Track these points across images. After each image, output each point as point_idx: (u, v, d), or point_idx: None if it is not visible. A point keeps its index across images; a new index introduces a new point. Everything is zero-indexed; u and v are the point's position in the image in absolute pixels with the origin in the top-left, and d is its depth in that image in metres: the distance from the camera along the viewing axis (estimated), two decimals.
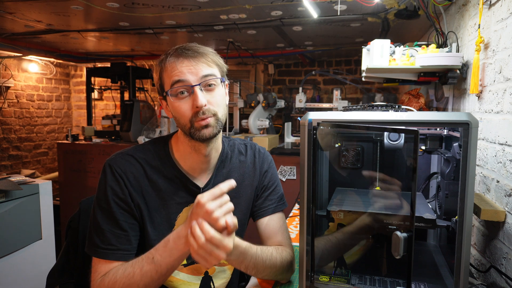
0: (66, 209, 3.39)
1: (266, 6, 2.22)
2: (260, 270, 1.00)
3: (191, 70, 0.96)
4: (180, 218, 1.06)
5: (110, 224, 0.97)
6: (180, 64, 0.96)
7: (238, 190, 1.12)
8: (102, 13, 2.41)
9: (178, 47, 0.99)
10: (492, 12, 1.24)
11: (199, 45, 1.01)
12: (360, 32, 2.89)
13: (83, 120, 4.95)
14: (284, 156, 2.80)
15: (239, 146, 1.18)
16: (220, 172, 1.11)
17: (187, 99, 0.97)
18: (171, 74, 0.96)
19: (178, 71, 0.96)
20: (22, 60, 4.15)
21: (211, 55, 1.00)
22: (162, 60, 1.00)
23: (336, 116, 0.94)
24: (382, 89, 3.88)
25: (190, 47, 0.99)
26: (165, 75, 0.98)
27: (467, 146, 0.83)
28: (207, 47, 1.02)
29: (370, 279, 0.99)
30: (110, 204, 0.97)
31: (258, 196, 1.17)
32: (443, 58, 1.50)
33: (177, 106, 0.97)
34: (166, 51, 1.01)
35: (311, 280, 0.96)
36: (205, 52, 0.99)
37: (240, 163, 1.15)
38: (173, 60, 0.97)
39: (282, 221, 1.17)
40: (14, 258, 2.02)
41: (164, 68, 0.98)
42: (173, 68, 0.96)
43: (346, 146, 1.17)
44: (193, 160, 1.06)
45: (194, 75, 0.96)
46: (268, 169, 1.19)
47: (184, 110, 0.97)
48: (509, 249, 1.01)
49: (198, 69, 0.96)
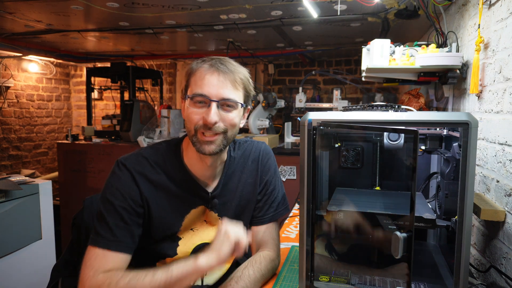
0: (66, 209, 3.39)
1: (266, 6, 2.22)
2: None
3: (215, 86, 0.97)
4: (187, 219, 1.08)
5: (115, 217, 0.97)
6: (209, 76, 0.98)
7: (242, 188, 1.15)
8: (102, 13, 2.41)
9: (215, 58, 1.01)
10: (492, 12, 1.24)
11: (235, 63, 1.03)
12: (360, 32, 2.89)
13: (83, 120, 4.95)
14: (284, 156, 2.80)
15: (243, 144, 1.20)
16: (227, 176, 1.13)
17: (201, 110, 0.98)
18: (198, 83, 0.98)
19: (204, 83, 0.97)
20: (22, 60, 4.15)
21: (241, 76, 1.02)
22: (196, 63, 1.01)
23: (336, 116, 0.93)
24: (382, 89, 3.88)
25: (225, 62, 1.00)
26: (192, 79, 1.00)
27: (467, 146, 0.83)
28: (242, 67, 1.04)
29: (370, 279, 0.99)
30: (117, 199, 0.98)
31: (260, 198, 1.18)
32: (443, 58, 1.50)
33: (190, 111, 0.99)
34: (204, 57, 1.03)
35: (311, 280, 0.96)
36: (236, 71, 1.01)
37: (244, 162, 1.17)
38: (205, 69, 0.99)
39: (276, 232, 1.20)
40: (14, 258, 2.02)
41: (194, 72, 1.00)
42: (201, 77, 0.98)
43: (346, 146, 1.18)
44: (199, 166, 1.07)
45: (217, 91, 0.97)
46: (269, 170, 1.20)
47: (194, 117, 0.98)
48: (509, 249, 1.01)
49: (223, 87, 0.98)
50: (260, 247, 1.15)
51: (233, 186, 1.13)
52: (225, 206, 1.12)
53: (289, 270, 1.19)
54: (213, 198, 1.09)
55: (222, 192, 1.11)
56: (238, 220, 1.14)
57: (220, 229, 0.94)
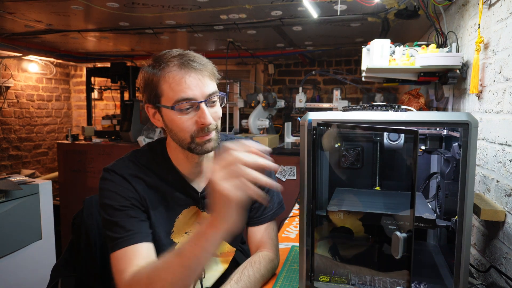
0: (66, 209, 3.39)
1: (266, 6, 2.22)
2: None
3: (198, 86, 0.92)
4: (179, 219, 1.07)
5: (121, 216, 0.95)
6: (188, 78, 0.92)
7: None
8: (102, 13, 2.41)
9: (179, 55, 0.94)
10: (492, 12, 1.24)
11: (197, 54, 0.97)
12: (360, 32, 2.89)
13: (83, 120, 4.95)
14: (284, 156, 2.80)
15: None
16: None
17: (190, 115, 0.94)
18: (177, 88, 0.91)
19: (185, 86, 0.91)
20: (22, 60, 4.15)
21: (211, 67, 0.98)
22: (161, 68, 0.93)
23: (336, 116, 0.93)
24: (382, 89, 3.88)
25: (194, 57, 0.95)
26: (166, 85, 0.93)
27: (467, 146, 0.83)
28: (201, 55, 0.99)
29: (370, 279, 0.99)
30: (117, 201, 0.96)
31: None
32: (443, 58, 1.50)
33: (179, 121, 0.94)
34: (162, 57, 0.95)
35: (311, 280, 0.96)
36: (205, 63, 0.96)
37: None
38: (177, 71, 0.92)
39: (274, 232, 1.20)
40: (14, 258, 2.02)
41: (165, 77, 0.92)
42: (179, 81, 0.91)
43: (346, 146, 1.18)
44: (186, 166, 1.06)
45: (201, 91, 0.93)
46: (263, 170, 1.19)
47: (187, 126, 0.94)
48: (509, 249, 1.01)
49: (205, 84, 0.94)
50: (259, 248, 1.15)
51: None
52: None
53: (289, 270, 1.19)
54: (204, 198, 1.09)
55: None
56: None
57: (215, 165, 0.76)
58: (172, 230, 1.07)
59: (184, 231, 1.09)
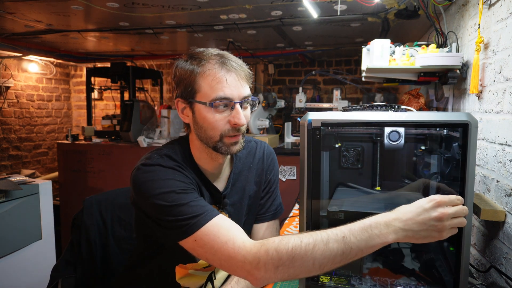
0: (66, 209, 3.39)
1: (266, 6, 2.22)
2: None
3: (236, 86, 0.94)
4: None
5: (188, 197, 0.89)
6: (229, 77, 0.93)
7: (249, 187, 1.14)
8: (102, 13, 2.41)
9: (219, 55, 0.95)
10: (492, 12, 1.24)
11: (234, 56, 0.98)
12: (360, 32, 2.89)
13: (83, 120, 4.95)
14: (284, 156, 2.80)
15: (248, 144, 1.18)
16: (235, 176, 1.12)
17: (225, 114, 0.94)
18: (217, 86, 0.92)
19: (225, 85, 0.92)
20: (22, 60, 4.15)
21: (247, 70, 0.99)
22: (202, 64, 0.93)
23: (336, 116, 0.94)
24: (382, 89, 3.88)
25: (233, 59, 0.96)
26: (205, 82, 0.93)
27: (467, 146, 0.83)
28: (238, 58, 1.00)
29: (370, 279, 0.99)
30: (174, 186, 0.90)
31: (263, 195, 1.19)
32: (443, 58, 1.50)
33: (213, 119, 0.94)
34: (201, 54, 0.95)
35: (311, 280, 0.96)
36: (243, 66, 0.98)
37: (250, 161, 1.17)
38: (218, 69, 0.93)
39: (277, 230, 1.21)
40: (14, 258, 2.02)
41: (204, 74, 0.93)
42: (220, 79, 0.92)
43: (346, 146, 1.18)
44: (209, 165, 1.06)
45: (238, 92, 0.94)
46: (273, 169, 1.21)
47: (219, 124, 0.94)
48: (509, 249, 1.01)
49: (242, 85, 0.95)
50: None
51: (241, 186, 1.13)
52: (235, 206, 1.11)
53: None
54: (224, 198, 1.09)
55: (231, 192, 1.11)
56: (247, 219, 1.14)
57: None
58: None
59: None
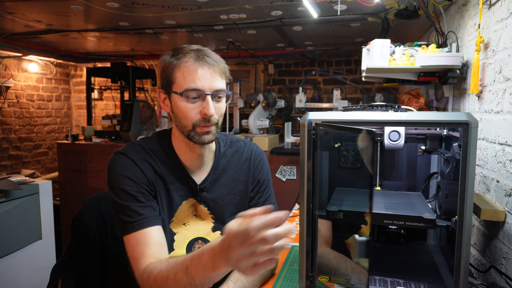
0: (66, 209, 3.39)
1: (266, 6, 2.22)
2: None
3: (208, 79, 1.00)
4: (179, 210, 1.10)
5: (132, 201, 0.99)
6: (201, 70, 0.99)
7: (234, 186, 1.16)
8: (102, 13, 2.41)
9: (196, 49, 1.02)
10: (492, 12, 1.24)
11: (213, 52, 1.05)
12: (360, 32, 2.89)
13: (83, 120, 4.95)
14: (284, 156, 2.80)
15: (236, 143, 1.22)
16: (217, 170, 1.15)
17: (196, 104, 1.01)
18: (189, 78, 0.99)
19: (197, 77, 0.99)
20: (22, 60, 4.15)
21: (223, 65, 1.05)
22: (179, 57, 1.01)
23: (336, 116, 0.94)
24: (382, 89, 3.88)
25: (209, 54, 1.02)
26: (179, 74, 1.00)
27: (467, 146, 0.83)
28: (216, 54, 1.06)
29: (370, 279, 0.99)
30: (128, 185, 1.00)
31: (253, 195, 1.19)
32: (443, 58, 1.50)
33: (185, 108, 1.01)
34: (181, 48, 1.03)
35: (311, 280, 0.96)
36: (219, 61, 1.05)
37: (236, 160, 1.18)
38: (192, 62, 1.00)
39: None
40: (14, 258, 2.02)
41: (180, 66, 1.00)
42: (192, 71, 0.99)
43: (346, 146, 1.18)
44: (188, 156, 1.11)
45: (210, 84, 1.00)
46: (262, 169, 1.21)
47: (191, 114, 1.01)
48: (509, 249, 1.01)
49: (215, 79, 1.01)
50: None
51: (225, 183, 1.15)
52: (216, 202, 1.13)
53: (289, 270, 1.19)
54: (202, 191, 1.11)
55: (212, 187, 1.13)
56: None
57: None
58: (172, 219, 1.09)
59: (182, 222, 1.11)
